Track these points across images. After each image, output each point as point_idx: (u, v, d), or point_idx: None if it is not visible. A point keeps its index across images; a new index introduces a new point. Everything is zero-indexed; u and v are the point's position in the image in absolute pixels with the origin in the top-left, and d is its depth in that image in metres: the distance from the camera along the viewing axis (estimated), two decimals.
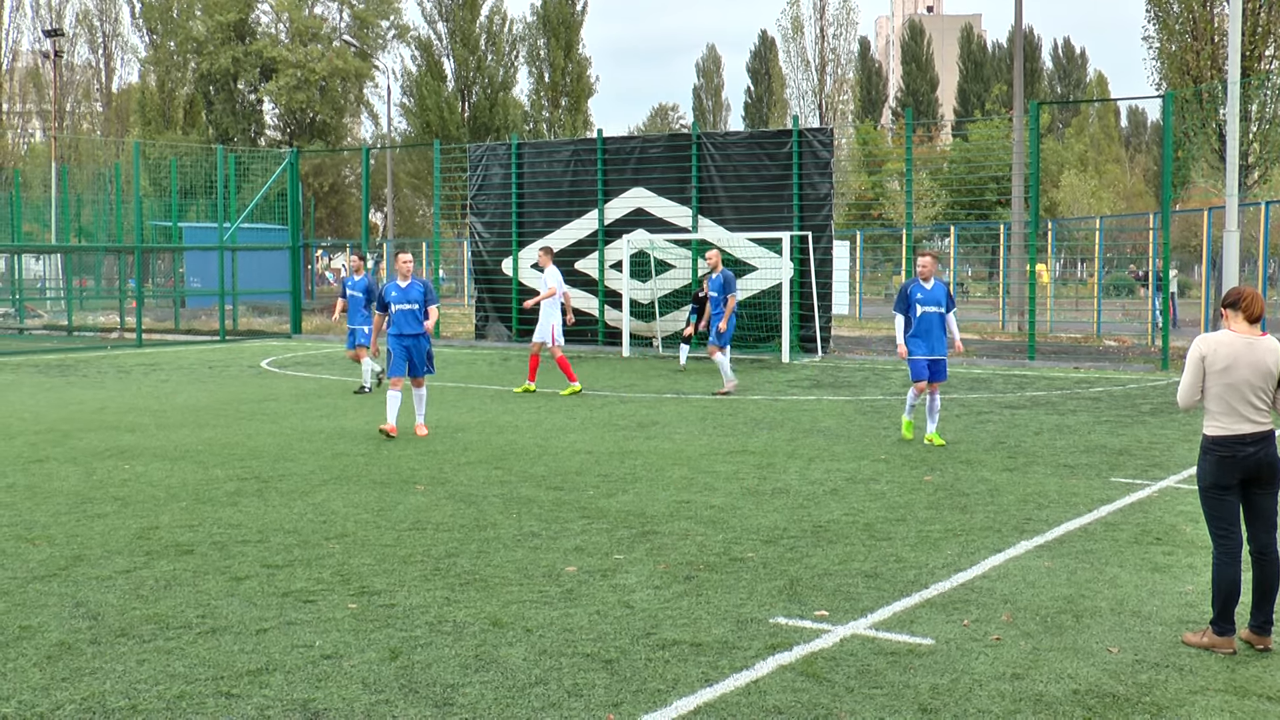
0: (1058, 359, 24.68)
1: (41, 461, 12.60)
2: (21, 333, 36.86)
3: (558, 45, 67.72)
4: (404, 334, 14.30)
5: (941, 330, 13.77)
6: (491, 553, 8.66)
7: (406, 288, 14.41)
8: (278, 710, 5.70)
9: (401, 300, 14.34)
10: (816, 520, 9.76)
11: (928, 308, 13.71)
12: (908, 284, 13.93)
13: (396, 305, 14.34)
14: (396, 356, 14.31)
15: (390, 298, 14.38)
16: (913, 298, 13.70)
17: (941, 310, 13.76)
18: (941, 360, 13.79)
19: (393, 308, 14.36)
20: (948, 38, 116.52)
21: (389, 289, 14.42)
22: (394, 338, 14.37)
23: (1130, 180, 77.57)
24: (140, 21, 67.19)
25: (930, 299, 13.73)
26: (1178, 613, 7.23)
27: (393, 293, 14.38)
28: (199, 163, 44.54)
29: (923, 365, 13.68)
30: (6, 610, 7.26)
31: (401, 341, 14.31)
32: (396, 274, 14.51)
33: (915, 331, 13.69)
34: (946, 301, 13.83)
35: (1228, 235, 21.47)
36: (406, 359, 14.32)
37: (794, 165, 26.23)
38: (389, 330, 14.45)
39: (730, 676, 6.15)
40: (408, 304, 14.32)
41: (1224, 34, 28.35)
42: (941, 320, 13.77)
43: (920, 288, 13.75)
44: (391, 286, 14.44)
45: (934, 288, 13.76)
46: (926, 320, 13.66)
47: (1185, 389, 6.82)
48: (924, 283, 13.75)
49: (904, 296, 13.83)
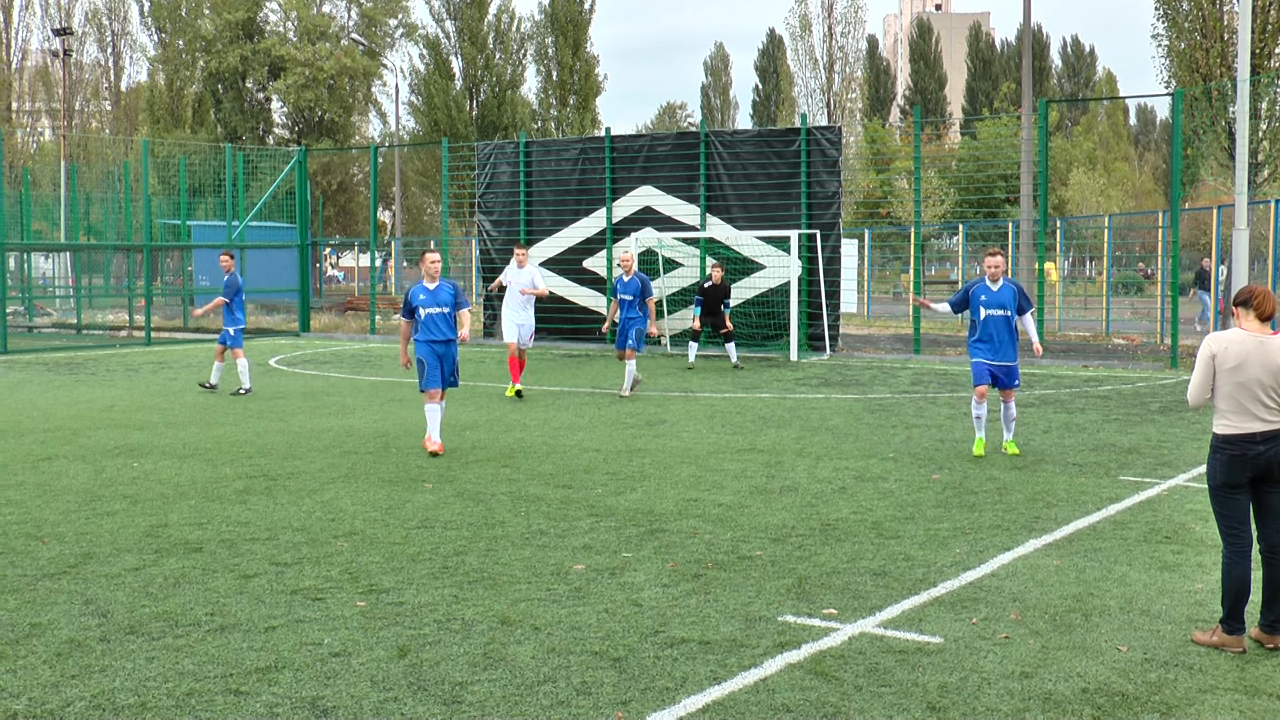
0: (1066, 357, 24.63)
1: (51, 459, 12.63)
2: (31, 331, 36.93)
3: (566, 43, 67.69)
4: (435, 340, 13.12)
5: (1009, 335, 12.81)
6: (500, 551, 8.66)
7: (435, 290, 13.19)
8: (286, 708, 5.71)
9: (431, 304, 13.12)
10: (825, 518, 9.76)
11: (993, 311, 12.76)
12: (972, 284, 12.97)
13: (426, 309, 13.10)
14: (430, 366, 13.09)
15: (418, 301, 13.14)
16: (975, 299, 12.78)
17: (1008, 314, 12.76)
18: (1010, 366, 12.82)
19: (421, 312, 13.12)
20: (956, 36, 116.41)
21: (415, 292, 13.20)
22: (424, 344, 13.14)
23: (1139, 178, 77.41)
24: (149, 20, 67.34)
25: (995, 301, 12.76)
26: (1187, 611, 7.21)
27: (420, 295, 13.15)
28: (207, 161, 44.63)
29: (984, 369, 12.80)
30: (17, 608, 7.28)
31: (434, 348, 13.12)
32: (424, 275, 13.28)
33: (979, 336, 12.82)
34: (1016, 303, 12.76)
35: (1237, 233, 21.42)
36: (439, 367, 13.15)
37: (802, 163, 26.21)
38: (417, 337, 13.21)
39: (739, 675, 6.14)
40: (438, 307, 13.13)
41: (1234, 31, 28.26)
42: (1008, 324, 12.79)
43: (985, 289, 12.79)
44: (419, 289, 13.21)
45: (1001, 289, 12.74)
46: (991, 324, 12.75)
47: (1195, 387, 6.82)
48: (991, 284, 12.78)
49: (965, 296, 12.98)
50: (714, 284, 23.17)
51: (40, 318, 40.83)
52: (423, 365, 13.13)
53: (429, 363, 13.10)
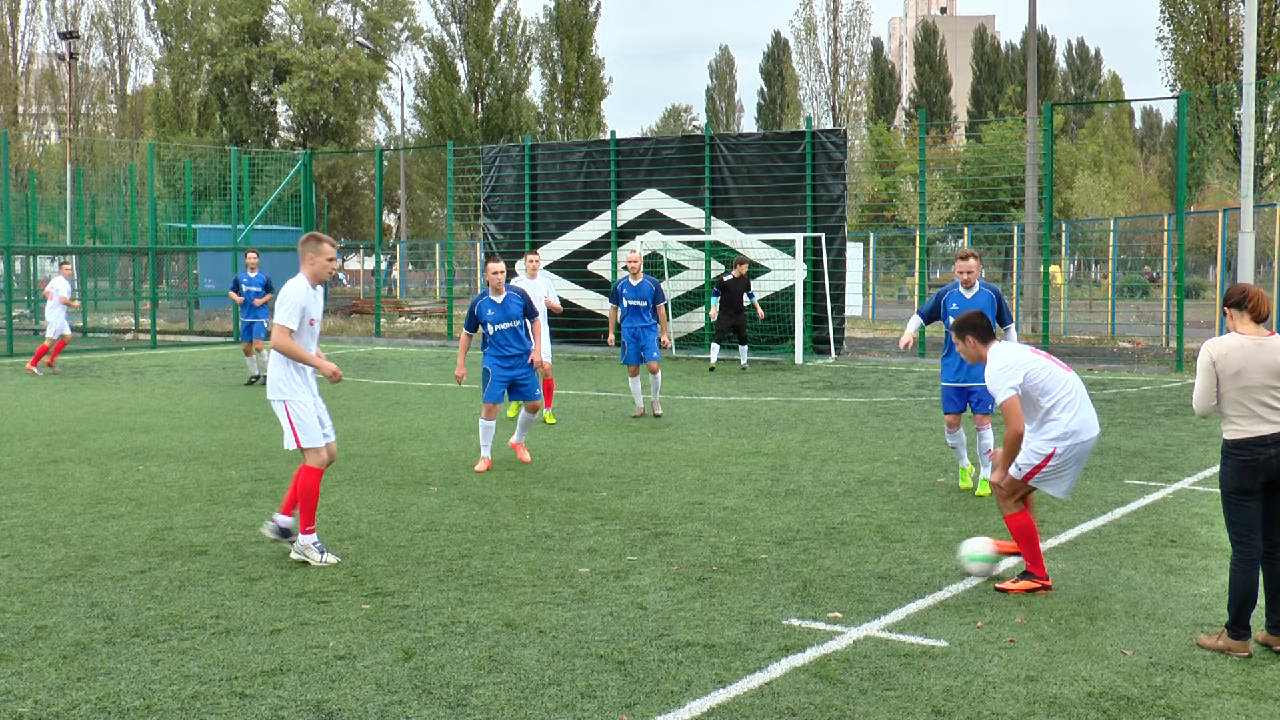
0: (1072, 361, 24.59)
1: (56, 462, 12.65)
2: (37, 334, 36.97)
3: (571, 47, 67.76)
4: (507, 355, 12.28)
5: None
6: (505, 554, 8.67)
7: (503, 303, 12.20)
8: (291, 710, 5.72)
9: (500, 319, 12.17)
10: (830, 522, 9.75)
11: None
12: (944, 290, 11.16)
13: (495, 325, 12.18)
14: (495, 380, 12.32)
15: (485, 317, 12.20)
16: (946, 308, 10.90)
17: None
18: (981, 387, 10.65)
19: (490, 328, 12.22)
20: (961, 39, 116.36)
21: (483, 306, 12.22)
22: (496, 360, 12.31)
23: (1144, 182, 77.33)
24: (154, 24, 67.45)
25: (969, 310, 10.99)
26: (1192, 615, 7.20)
27: (488, 310, 12.20)
28: (213, 164, 44.68)
29: (954, 394, 11.03)
30: (23, 610, 7.29)
31: (506, 365, 12.29)
32: (489, 287, 12.27)
33: (949, 351, 10.75)
34: (995, 313, 10.79)
35: (1243, 237, 21.40)
36: (507, 385, 12.36)
37: (807, 167, 26.22)
38: (489, 352, 12.37)
39: (743, 678, 6.14)
40: (508, 322, 12.19)
41: (1239, 35, 28.24)
42: None
43: (958, 296, 10.96)
44: (486, 303, 12.23)
45: (976, 296, 10.91)
46: None
47: (1200, 395, 6.73)
48: (964, 290, 10.98)
49: (936, 304, 11.06)
50: (735, 277, 22.87)
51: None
52: (488, 375, 12.39)
53: (495, 375, 12.33)
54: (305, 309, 8.46)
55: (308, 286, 8.55)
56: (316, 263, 8.60)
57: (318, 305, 8.62)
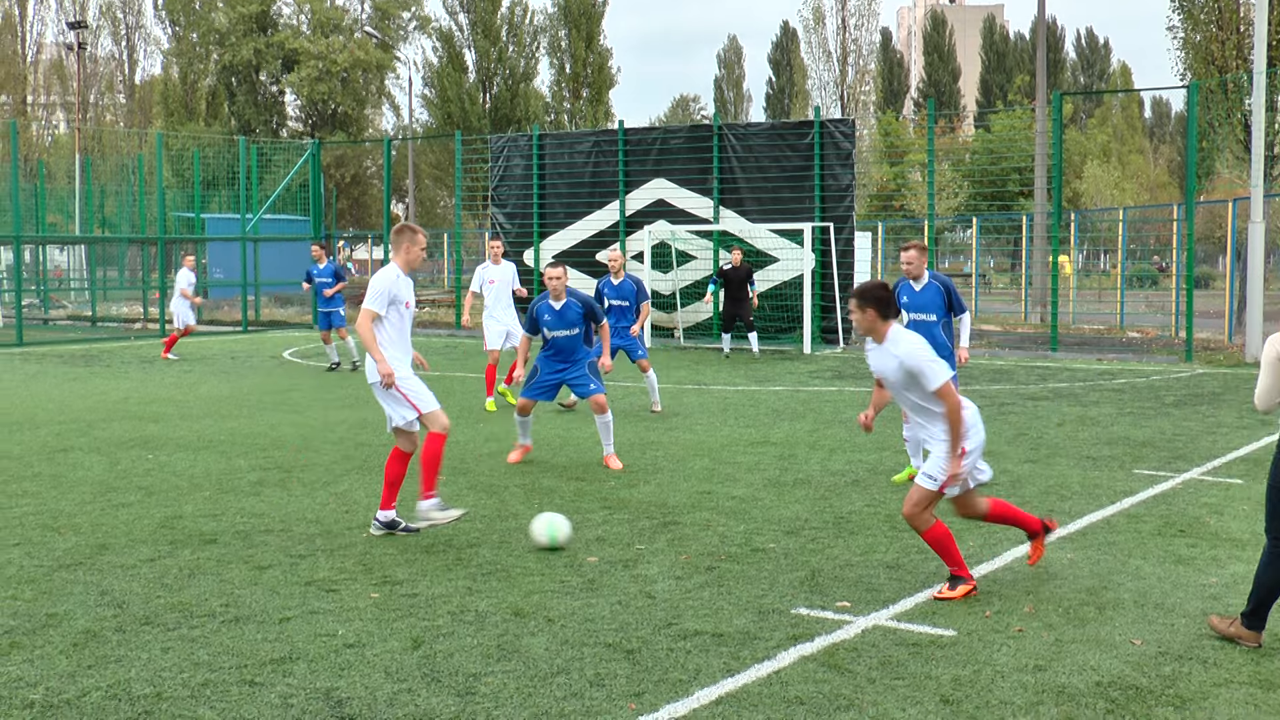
0: (1081, 350, 24.57)
1: (66, 451, 12.69)
2: (46, 323, 37.06)
3: (579, 36, 67.72)
4: (561, 361, 12.01)
5: (940, 343, 10.64)
6: (513, 543, 8.68)
7: (562, 309, 11.84)
8: (301, 698, 5.73)
9: (558, 325, 11.85)
10: (838, 511, 9.75)
11: (916, 315, 10.87)
12: (897, 284, 10.82)
13: (553, 332, 11.87)
14: (540, 379, 12.05)
15: (544, 323, 11.89)
16: (899, 302, 10.70)
17: (933, 319, 10.86)
18: None
19: (548, 334, 11.92)
20: (970, 28, 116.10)
21: (541, 310, 11.90)
22: (548, 361, 12.05)
23: (1154, 171, 77.19)
24: (163, 13, 67.60)
25: (917, 304, 10.90)
26: (1201, 605, 7.19)
27: (545, 316, 11.87)
28: (221, 154, 44.74)
29: None
30: (34, 598, 7.31)
31: (558, 370, 12.04)
32: (549, 292, 11.86)
33: None
34: (945, 304, 10.85)
35: (1253, 227, 21.34)
36: (554, 389, 12.16)
37: (815, 156, 26.18)
38: (544, 352, 12.09)
39: (752, 667, 6.15)
40: (565, 330, 11.87)
41: (1250, 23, 28.10)
42: (937, 330, 10.81)
43: (908, 289, 10.91)
44: (544, 308, 11.88)
45: (924, 289, 10.87)
46: (918, 331, 10.21)
47: (1265, 391, 6.45)
48: (913, 283, 10.92)
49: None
50: (734, 265, 23.25)
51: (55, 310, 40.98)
52: (536, 372, 12.13)
53: (543, 375, 12.06)
54: (395, 295, 8.88)
55: (399, 274, 8.97)
56: (411, 252, 9.05)
57: (409, 290, 9.03)
